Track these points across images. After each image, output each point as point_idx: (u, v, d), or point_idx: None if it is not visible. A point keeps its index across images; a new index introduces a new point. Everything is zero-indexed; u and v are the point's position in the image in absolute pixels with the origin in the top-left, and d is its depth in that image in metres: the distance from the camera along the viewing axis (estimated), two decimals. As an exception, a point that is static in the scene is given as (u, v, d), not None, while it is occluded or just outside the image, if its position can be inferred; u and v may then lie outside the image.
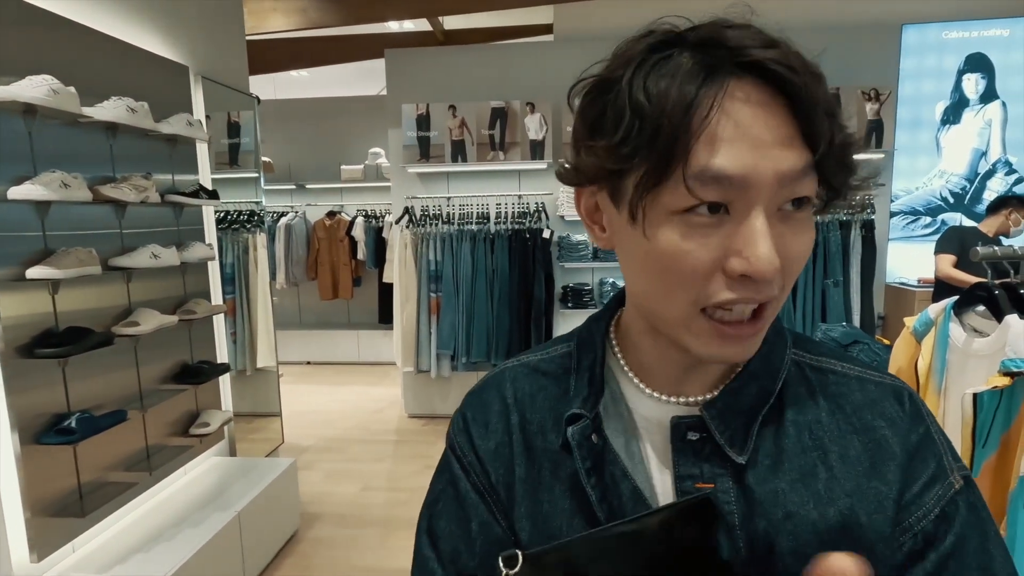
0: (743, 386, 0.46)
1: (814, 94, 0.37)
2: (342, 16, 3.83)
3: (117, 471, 1.94)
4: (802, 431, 0.45)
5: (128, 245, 1.95)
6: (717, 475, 0.44)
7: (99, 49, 1.90)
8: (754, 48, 0.37)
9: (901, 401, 0.46)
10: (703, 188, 0.37)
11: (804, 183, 0.38)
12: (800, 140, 0.37)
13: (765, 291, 0.39)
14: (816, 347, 0.50)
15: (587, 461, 0.46)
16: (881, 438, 0.45)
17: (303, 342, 5.62)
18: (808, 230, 0.40)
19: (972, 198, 3.89)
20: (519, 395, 0.52)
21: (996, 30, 3.74)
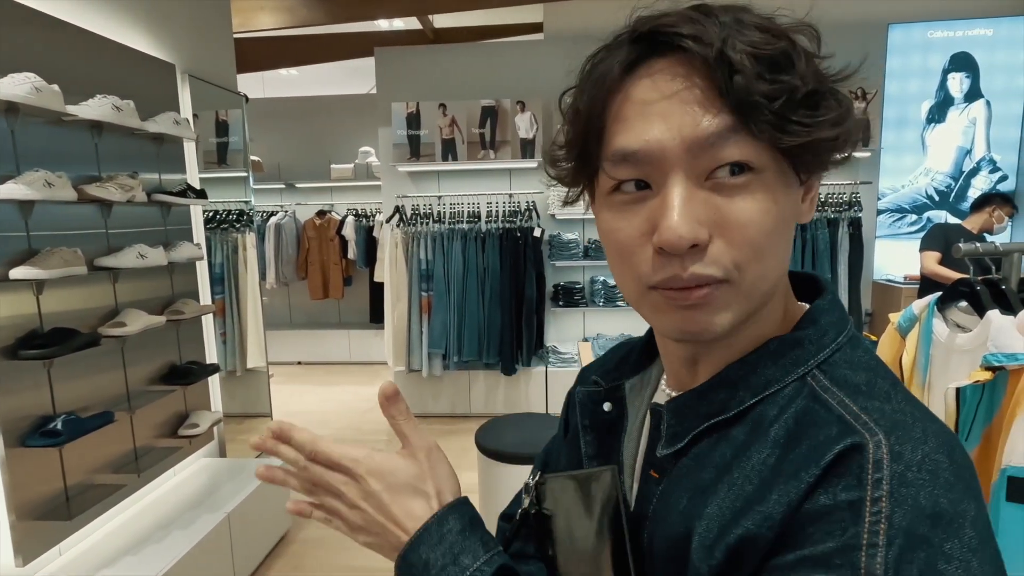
0: (710, 390, 0.44)
1: (721, 48, 0.35)
2: (331, 14, 3.81)
3: (104, 473, 1.92)
4: (730, 449, 0.41)
5: (114, 245, 1.93)
6: (661, 467, 0.45)
7: (84, 47, 1.88)
8: (665, 24, 0.37)
9: (830, 451, 0.35)
10: (615, 168, 0.39)
11: (729, 146, 0.36)
12: (719, 104, 0.36)
13: (689, 267, 0.37)
14: (849, 376, 0.40)
15: (585, 420, 0.53)
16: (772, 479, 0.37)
17: (294, 342, 5.59)
18: (754, 198, 0.37)
19: (957, 196, 3.94)
20: (605, 361, 0.60)
21: (980, 30, 3.79)
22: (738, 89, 0.35)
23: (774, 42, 0.36)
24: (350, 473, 0.49)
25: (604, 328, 4.12)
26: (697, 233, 0.36)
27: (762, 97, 0.35)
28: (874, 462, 0.34)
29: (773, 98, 0.35)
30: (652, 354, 0.54)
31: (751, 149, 0.36)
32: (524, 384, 4.02)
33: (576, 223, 4.02)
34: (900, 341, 1.24)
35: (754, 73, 0.35)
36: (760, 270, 0.39)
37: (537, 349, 3.95)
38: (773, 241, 0.38)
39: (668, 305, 0.40)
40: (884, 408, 0.37)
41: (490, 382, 4.07)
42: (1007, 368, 0.93)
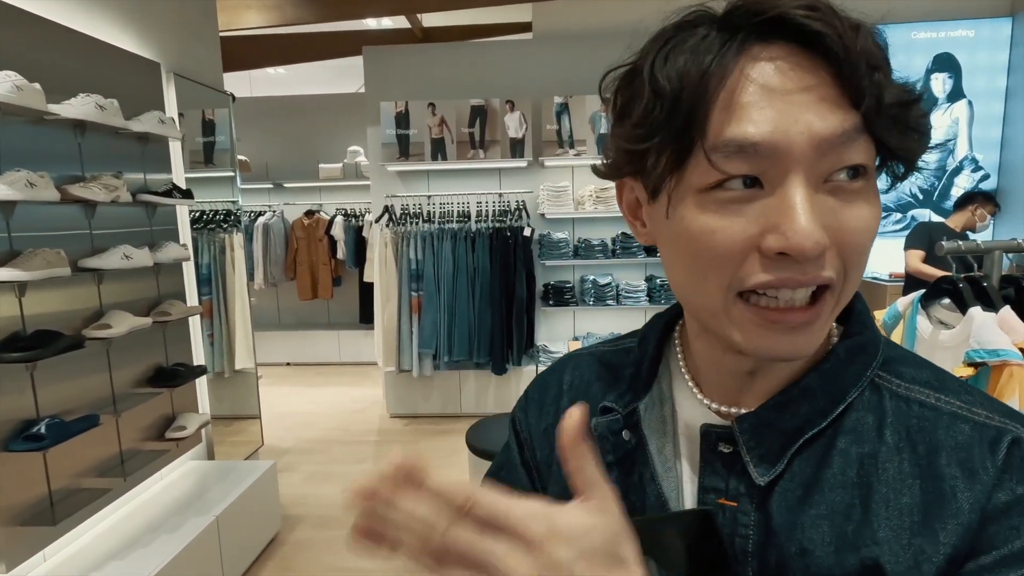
0: (789, 402, 0.40)
1: (852, 45, 0.33)
2: (319, 13, 3.79)
3: (89, 477, 1.90)
4: (850, 464, 0.39)
5: (98, 246, 1.90)
6: (742, 494, 0.41)
7: (66, 45, 1.85)
8: (776, 4, 0.34)
9: (996, 449, 0.36)
10: (727, 161, 0.34)
11: (853, 149, 0.34)
12: (842, 100, 0.33)
13: (810, 272, 0.35)
14: (915, 373, 0.41)
15: (609, 455, 0.46)
16: (949, 489, 0.36)
17: (282, 343, 5.55)
18: (869, 203, 0.36)
19: (940, 194, 3.99)
20: (576, 382, 0.53)
21: (962, 31, 3.85)
22: (872, 88, 0.33)
23: (878, 42, 0.35)
24: (523, 536, 0.29)
25: (594, 327, 4.14)
26: (824, 239, 0.34)
27: (889, 100, 0.34)
28: (1019, 447, 0.36)
29: (898, 100, 0.34)
30: (657, 364, 0.49)
31: (869, 152, 0.35)
32: (515, 384, 4.02)
33: (566, 222, 4.03)
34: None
35: (869, 67, 0.33)
36: (858, 278, 0.38)
37: (527, 348, 3.95)
38: (872, 246, 0.37)
39: (759, 321, 0.37)
40: (980, 400, 0.39)
41: (481, 382, 4.06)
42: (989, 364, 0.95)
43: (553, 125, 3.76)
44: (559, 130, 3.76)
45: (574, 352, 0.57)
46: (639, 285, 3.92)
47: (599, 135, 3.74)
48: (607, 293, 3.91)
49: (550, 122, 3.76)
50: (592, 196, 3.79)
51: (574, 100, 3.73)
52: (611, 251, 3.89)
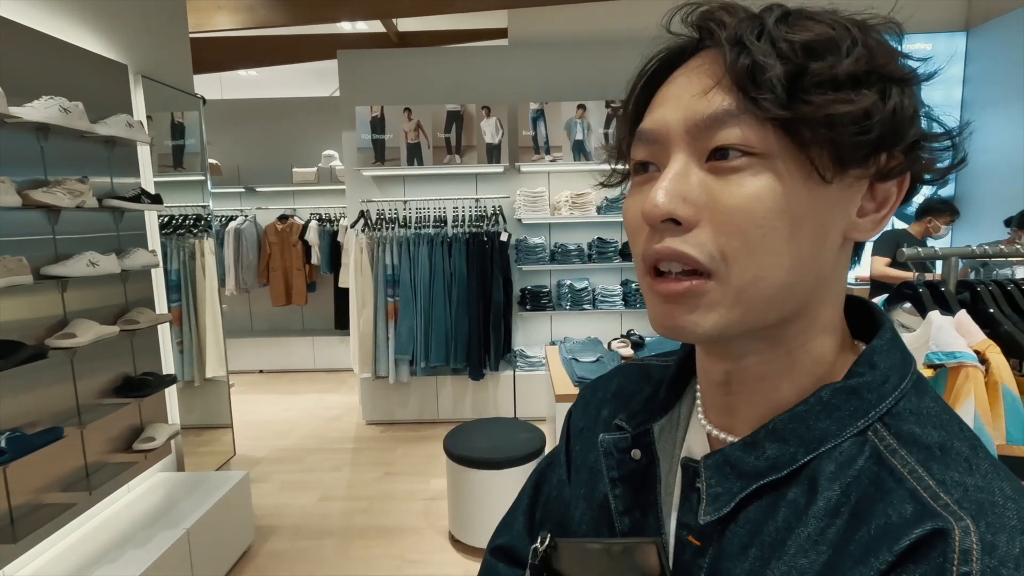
0: (757, 443, 0.39)
1: (741, 36, 0.35)
2: (292, 16, 3.75)
3: (53, 492, 1.83)
4: (794, 517, 0.36)
5: (63, 252, 1.85)
6: (704, 534, 0.40)
7: (29, 46, 1.79)
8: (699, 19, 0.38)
9: (907, 535, 0.31)
10: (635, 150, 0.40)
11: (725, 130, 0.35)
12: (723, 87, 0.35)
13: (668, 241, 0.36)
14: (920, 434, 0.36)
15: (614, 471, 0.47)
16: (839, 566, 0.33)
17: (255, 350, 5.44)
18: (746, 183, 0.34)
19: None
20: (620, 391, 0.55)
21: (920, 44, 4.01)
22: (740, 67, 0.34)
23: (817, 30, 0.34)
24: None
25: (571, 331, 4.16)
26: (676, 206, 0.35)
27: (766, 72, 0.33)
28: (961, 553, 0.30)
29: (783, 73, 0.33)
30: (681, 386, 0.49)
31: (753, 132, 0.34)
32: (492, 389, 4.02)
33: (543, 227, 4.05)
34: (851, 341, 1.30)
35: (766, 52, 0.33)
36: (754, 268, 0.35)
37: (505, 353, 3.96)
38: (771, 237, 0.34)
39: (653, 295, 0.39)
40: (967, 482, 0.33)
41: (458, 387, 4.05)
42: (947, 366, 0.99)
43: (529, 131, 3.79)
44: (535, 136, 3.79)
45: (630, 361, 0.59)
46: (615, 289, 3.96)
47: (574, 141, 3.78)
48: (583, 297, 3.94)
49: (526, 128, 3.79)
50: (568, 201, 3.83)
51: (550, 107, 3.76)
52: (587, 256, 3.93)
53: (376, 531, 2.72)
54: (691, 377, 0.49)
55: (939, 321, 1.06)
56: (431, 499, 3.00)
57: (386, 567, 2.45)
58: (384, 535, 2.69)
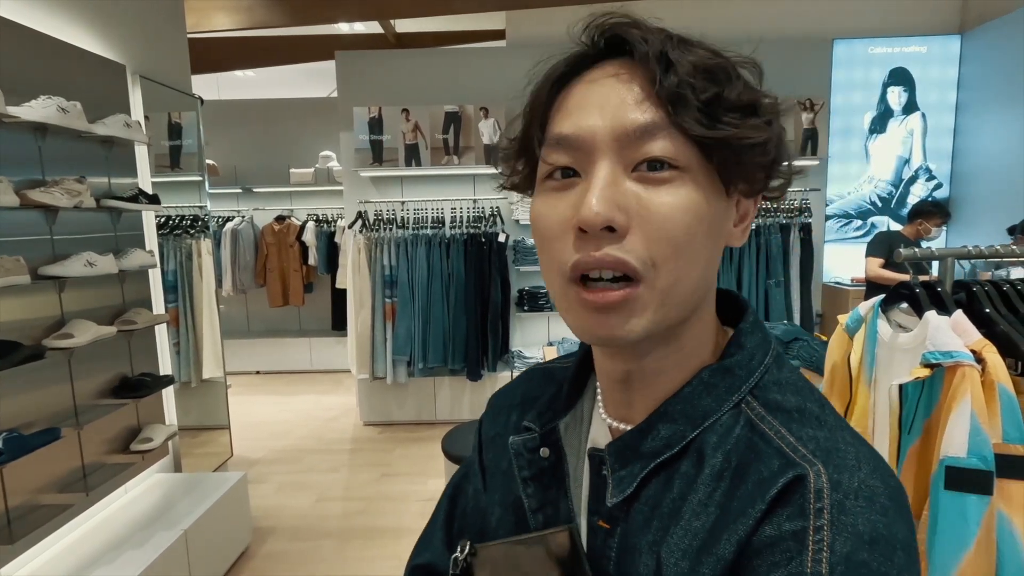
0: (652, 426, 0.43)
1: (667, 53, 0.37)
2: (290, 16, 3.75)
3: (50, 493, 1.83)
4: (687, 487, 0.40)
5: (60, 252, 1.84)
6: (612, 516, 0.43)
7: (27, 46, 1.79)
8: (614, 28, 0.39)
9: (774, 485, 0.37)
10: (551, 153, 0.40)
11: (654, 142, 0.37)
12: (652, 100, 0.37)
13: (604, 249, 0.37)
14: (781, 400, 0.42)
15: (524, 471, 0.48)
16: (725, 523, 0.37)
17: (252, 351, 5.43)
18: (676, 193, 0.37)
19: (898, 202, 4.17)
20: (527, 395, 0.56)
21: (915, 47, 4.03)
22: (670, 84, 0.36)
23: (714, 58, 0.38)
24: None
25: (569, 332, 4.16)
26: (613, 214, 0.36)
27: (692, 94, 0.36)
28: (815, 492, 0.35)
29: (703, 96, 0.36)
30: (581, 384, 0.52)
31: (677, 146, 0.37)
32: (490, 389, 4.02)
33: (540, 228, 4.05)
34: (848, 341, 1.31)
35: (687, 72, 0.36)
36: (677, 272, 0.38)
37: (502, 354, 3.96)
38: (693, 243, 0.38)
39: (583, 306, 0.39)
40: (818, 436, 0.39)
41: (456, 388, 4.05)
42: (943, 365, 1.00)
43: (527, 132, 3.79)
44: (533, 137, 3.79)
45: (534, 365, 0.60)
46: (612, 290, 3.97)
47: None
48: (581, 298, 3.94)
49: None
50: (566, 202, 3.83)
51: (547, 108, 3.77)
52: (585, 257, 3.94)
53: (374, 532, 2.72)
54: (590, 374, 0.51)
55: (936, 321, 1.07)
56: (429, 500, 3.00)
57: (384, 568, 2.45)
58: (382, 536, 2.69)
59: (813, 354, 2.40)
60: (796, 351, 2.48)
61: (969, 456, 0.94)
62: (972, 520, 0.94)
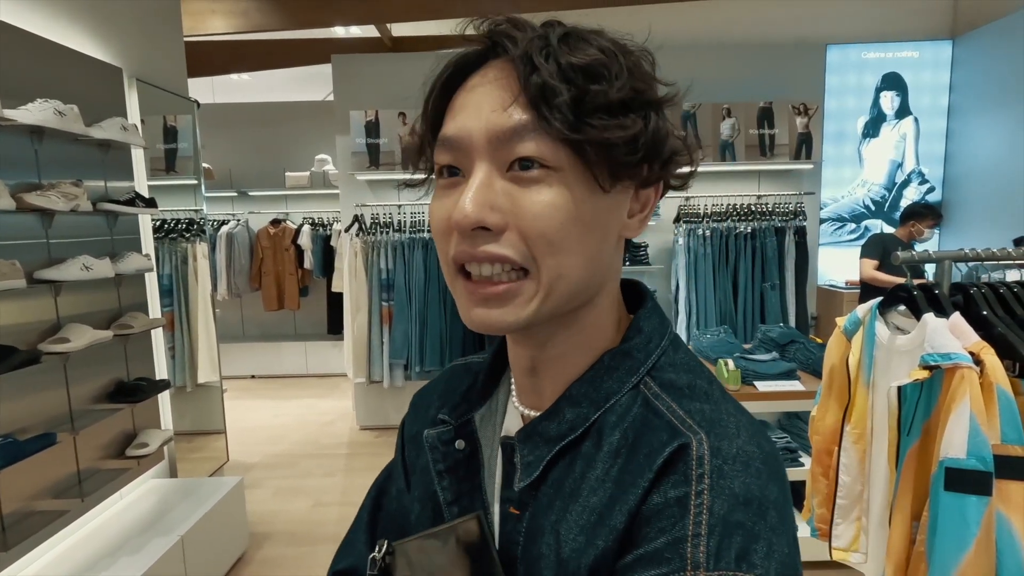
0: (558, 410, 0.44)
1: (531, 54, 0.37)
2: (286, 20, 3.74)
3: (45, 499, 1.81)
4: (588, 466, 0.42)
5: (56, 256, 1.83)
6: (522, 502, 0.43)
7: (23, 48, 1.78)
8: (493, 30, 0.40)
9: (661, 454, 0.38)
10: (439, 153, 0.41)
11: (524, 143, 0.38)
12: (522, 102, 0.38)
13: (481, 246, 0.39)
14: (675, 379, 0.44)
15: (439, 464, 0.49)
16: (620, 494, 0.39)
17: (247, 355, 5.40)
18: (544, 192, 0.38)
19: (891, 205, 4.20)
20: (445, 391, 0.56)
21: (908, 52, 4.08)
22: (534, 87, 0.37)
23: (592, 55, 0.38)
24: None
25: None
26: (485, 215, 0.38)
27: (557, 96, 0.37)
28: (697, 459, 0.37)
29: (569, 97, 0.37)
30: (496, 376, 0.52)
31: (546, 146, 0.38)
32: (487, 393, 4.01)
33: (536, 232, 4.06)
34: (846, 343, 1.32)
35: (553, 74, 0.37)
36: (556, 266, 0.39)
37: (499, 357, 3.95)
38: (569, 239, 0.39)
39: (466, 292, 0.41)
40: (704, 408, 0.41)
41: (452, 391, 4.04)
42: (942, 367, 1.01)
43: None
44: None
45: (454, 362, 0.61)
46: (609, 293, 3.98)
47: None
48: (578, 302, 3.95)
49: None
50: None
51: (544, 111, 3.78)
52: (581, 260, 3.94)
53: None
54: (506, 367, 0.52)
55: (934, 323, 1.08)
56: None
57: (382, 573, 2.43)
58: (379, 541, 2.67)
59: (809, 356, 2.41)
60: (792, 353, 2.49)
61: (968, 457, 0.95)
62: (972, 521, 0.94)
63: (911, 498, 1.07)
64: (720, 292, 3.73)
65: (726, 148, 3.76)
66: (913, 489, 1.07)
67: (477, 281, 0.40)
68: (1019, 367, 1.03)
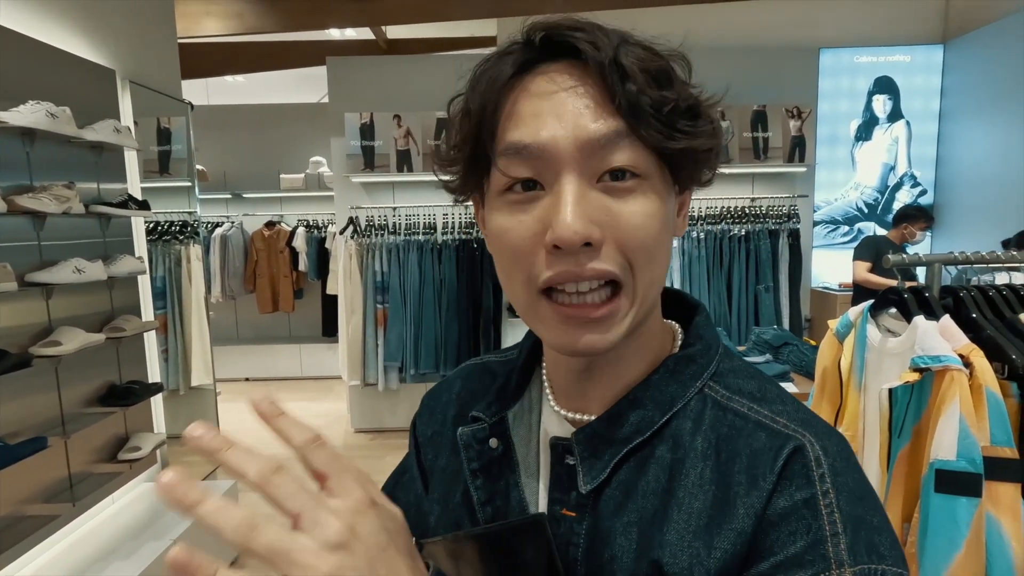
0: (621, 413, 0.43)
1: (609, 57, 0.36)
2: (281, 22, 3.74)
3: (36, 504, 1.80)
4: (663, 470, 0.41)
5: (48, 259, 1.82)
6: (579, 504, 0.42)
7: (15, 50, 1.77)
8: (560, 31, 0.38)
9: (779, 457, 0.38)
10: (509, 164, 0.38)
11: (618, 151, 0.37)
12: (610, 109, 0.37)
13: (585, 263, 0.37)
14: (741, 384, 0.44)
15: (474, 462, 0.47)
16: (732, 496, 0.38)
17: (241, 358, 5.37)
18: (644, 202, 0.38)
19: (883, 208, 4.23)
20: (464, 391, 0.55)
21: (900, 56, 4.11)
22: (629, 95, 0.36)
23: (657, 59, 0.38)
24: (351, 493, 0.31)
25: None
26: (590, 230, 0.36)
27: (650, 105, 0.36)
28: (814, 459, 0.38)
29: (660, 106, 0.37)
30: (528, 375, 0.51)
31: (639, 155, 0.38)
32: (482, 395, 4.01)
33: (532, 234, 4.06)
34: (838, 346, 1.32)
35: (643, 82, 0.36)
36: (650, 275, 0.40)
37: (494, 360, 3.95)
38: (660, 246, 0.39)
39: (558, 317, 0.39)
40: (787, 410, 0.42)
41: (447, 394, 4.03)
42: (932, 369, 1.02)
43: (518, 138, 3.80)
44: (524, 143, 3.81)
45: (468, 362, 0.59)
46: (604, 296, 3.99)
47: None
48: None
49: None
50: (557, 208, 3.85)
51: (539, 114, 3.79)
52: (576, 262, 3.95)
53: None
54: (535, 366, 0.51)
55: (924, 326, 1.09)
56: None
57: None
58: (374, 544, 2.66)
59: (802, 358, 2.42)
60: (786, 355, 2.50)
61: (958, 459, 0.95)
62: (962, 522, 0.95)
63: (902, 500, 1.08)
64: (714, 294, 3.75)
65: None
66: (904, 491, 1.08)
67: (573, 305, 0.38)
68: (1008, 369, 1.04)
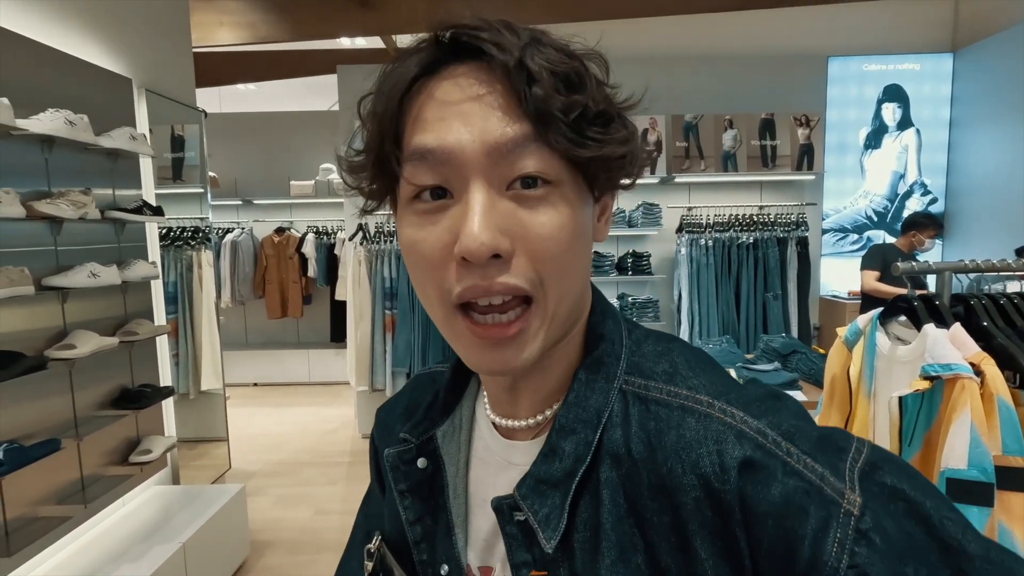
0: (553, 448, 0.40)
1: (527, 63, 0.34)
2: (293, 32, 3.79)
3: (48, 505, 1.81)
4: (617, 492, 0.38)
5: (64, 263, 1.85)
6: (551, 560, 0.39)
7: (35, 59, 1.81)
8: (466, 29, 0.36)
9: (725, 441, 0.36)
10: (415, 171, 0.36)
11: (526, 157, 0.35)
12: (518, 113, 0.35)
13: (493, 277, 0.35)
14: (653, 367, 0.42)
15: (401, 483, 0.46)
16: (690, 501, 0.35)
17: (250, 363, 5.41)
18: (554, 211, 0.36)
19: (893, 216, 4.21)
20: (410, 403, 0.54)
21: (909, 64, 4.10)
22: (536, 99, 0.34)
23: (568, 61, 0.36)
24: None
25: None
26: (499, 242, 0.34)
27: (558, 110, 0.34)
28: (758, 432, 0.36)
29: (569, 111, 0.34)
30: (459, 390, 0.49)
31: (548, 161, 0.35)
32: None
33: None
34: (847, 353, 1.32)
35: (551, 86, 0.34)
36: (562, 288, 0.37)
37: (502, 366, 3.96)
38: (573, 257, 0.37)
39: (472, 336, 0.37)
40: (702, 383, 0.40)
41: (455, 400, 4.04)
42: (943, 377, 1.01)
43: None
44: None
45: (419, 371, 0.58)
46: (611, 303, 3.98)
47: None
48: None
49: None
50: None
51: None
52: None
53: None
54: (470, 377, 0.50)
55: (934, 334, 1.08)
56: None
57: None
58: (381, 550, 2.66)
59: (811, 366, 2.41)
60: (794, 363, 2.49)
61: (969, 468, 0.95)
62: (973, 531, 0.94)
63: (913, 509, 1.07)
64: (723, 302, 3.74)
65: (728, 159, 3.78)
66: (915, 500, 1.07)
67: (484, 325, 0.37)
68: (1019, 378, 1.03)
